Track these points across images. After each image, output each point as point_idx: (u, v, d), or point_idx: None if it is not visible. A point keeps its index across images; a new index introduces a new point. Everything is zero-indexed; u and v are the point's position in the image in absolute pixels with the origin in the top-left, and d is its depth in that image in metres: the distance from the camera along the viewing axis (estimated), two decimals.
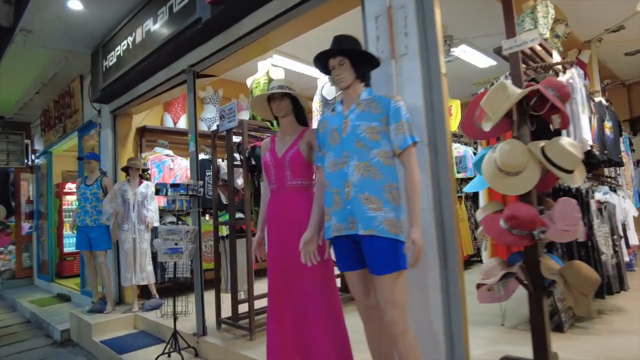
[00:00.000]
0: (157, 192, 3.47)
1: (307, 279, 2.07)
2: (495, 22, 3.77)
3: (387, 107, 1.80)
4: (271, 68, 3.98)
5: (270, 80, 3.89)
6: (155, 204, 4.75)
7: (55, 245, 7.41)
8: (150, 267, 4.62)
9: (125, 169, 4.64)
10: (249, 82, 4.14)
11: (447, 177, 1.95)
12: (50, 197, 7.40)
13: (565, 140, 2.22)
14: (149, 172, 4.93)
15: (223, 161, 3.94)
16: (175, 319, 3.38)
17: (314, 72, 6.16)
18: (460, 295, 1.92)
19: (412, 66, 2.06)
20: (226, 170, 3.85)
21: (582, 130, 2.83)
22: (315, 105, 4.63)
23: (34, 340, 4.78)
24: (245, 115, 6.39)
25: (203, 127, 5.93)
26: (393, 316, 1.69)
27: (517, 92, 2.22)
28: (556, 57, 3.59)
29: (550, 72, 3.26)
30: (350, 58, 1.87)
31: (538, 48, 3.28)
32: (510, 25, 3.20)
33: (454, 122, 6.69)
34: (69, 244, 7.67)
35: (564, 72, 3.28)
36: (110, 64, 4.49)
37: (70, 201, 7.78)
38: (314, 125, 4.21)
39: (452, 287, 1.91)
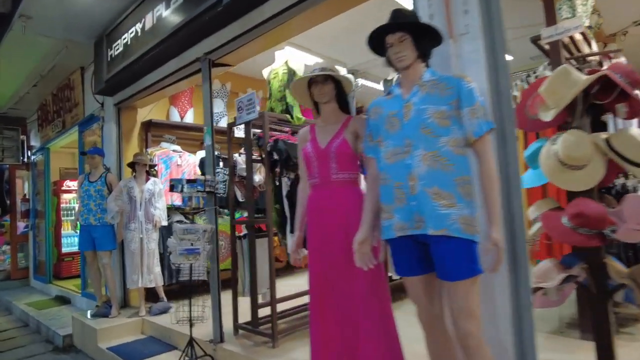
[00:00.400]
0: (172, 189, 3.22)
1: (358, 280, 1.86)
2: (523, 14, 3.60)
3: (458, 89, 1.59)
4: (290, 58, 3.75)
5: (290, 70, 3.66)
6: (163, 201, 4.50)
7: (52, 245, 7.11)
8: (158, 269, 4.38)
9: (132, 165, 4.39)
10: (265, 73, 3.91)
11: (516, 170, 1.74)
12: (47, 195, 7.10)
13: (635, 131, 2.02)
14: (156, 168, 4.68)
15: (240, 156, 3.70)
16: (191, 325, 3.14)
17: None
18: (530, 302, 1.71)
19: (474, 46, 1.85)
20: (244, 166, 3.63)
21: None
22: None
23: (34, 346, 4.51)
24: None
25: None
26: (469, 327, 1.48)
27: (584, 79, 2.01)
28: (594, 48, 3.41)
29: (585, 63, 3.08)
30: (412, 34, 1.66)
31: (578, 37, 3.09)
32: (550, 12, 3.02)
33: None
34: (67, 244, 7.39)
35: (601, 65, 3.10)
36: (116, 53, 4.23)
37: (68, 199, 7.50)
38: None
39: (522, 294, 1.71)
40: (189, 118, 5.42)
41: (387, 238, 1.68)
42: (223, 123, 5.73)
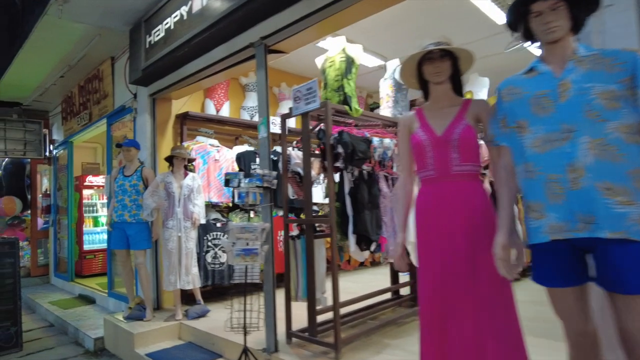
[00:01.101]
0: (227, 183, 2.96)
1: (489, 288, 1.57)
2: None
3: (633, 64, 1.30)
4: (347, 45, 3.48)
5: (348, 58, 3.39)
6: (202, 198, 4.25)
7: (74, 242, 6.90)
8: (195, 270, 4.12)
9: (169, 159, 4.14)
10: (319, 62, 3.65)
11: None
12: (70, 191, 6.89)
13: None
14: (193, 163, 4.42)
15: (293, 150, 3.44)
16: (245, 333, 2.88)
17: (367, 60, 5.67)
18: None
19: (622, 20, 1.57)
20: (297, 161, 3.36)
21: None
22: (386, 90, 4.15)
23: (63, 348, 4.27)
24: (289, 105, 5.90)
25: (245, 116, 5.43)
26: None
27: None
28: None
29: None
30: (567, 0, 1.38)
31: None
32: None
33: None
34: (89, 241, 7.18)
35: None
36: (156, 39, 3.98)
37: (90, 195, 7.30)
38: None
39: None
40: (225, 111, 5.16)
41: (536, 242, 1.40)
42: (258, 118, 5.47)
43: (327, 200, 5.78)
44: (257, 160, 5.08)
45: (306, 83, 3.05)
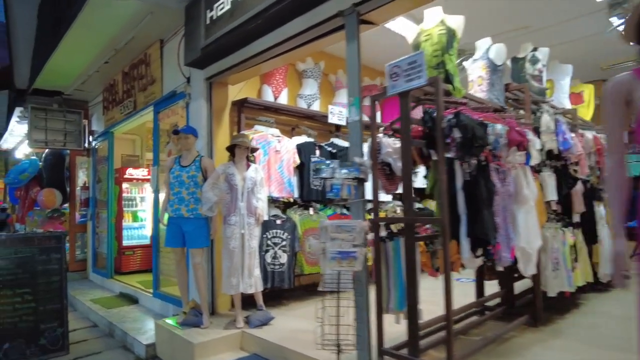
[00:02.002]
0: (317, 172, 2.50)
1: None
2: None
3: None
4: (446, 16, 2.98)
5: (449, 30, 2.89)
6: (265, 192, 3.83)
7: (114, 237, 6.62)
8: (258, 271, 3.70)
9: (231, 149, 3.73)
10: (409, 36, 3.16)
11: None
12: (110, 184, 6.61)
13: None
14: (254, 154, 4.00)
15: (384, 137, 2.96)
16: (339, 351, 2.42)
17: None
18: None
19: None
20: (389, 150, 2.87)
21: None
22: (478, 71, 3.63)
23: (111, 353, 3.93)
24: (346, 94, 5.43)
25: (302, 104, 4.99)
26: None
27: None
28: None
29: None
30: None
31: None
32: None
33: (586, 109, 5.60)
34: (128, 236, 6.90)
35: None
36: (220, 13, 3.57)
37: (130, 189, 7.01)
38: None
39: None
40: (283, 99, 4.73)
41: None
42: (316, 107, 5.03)
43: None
44: (317, 152, 4.65)
45: (408, 56, 2.58)
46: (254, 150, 3.84)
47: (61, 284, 4.06)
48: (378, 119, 5.77)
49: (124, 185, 6.89)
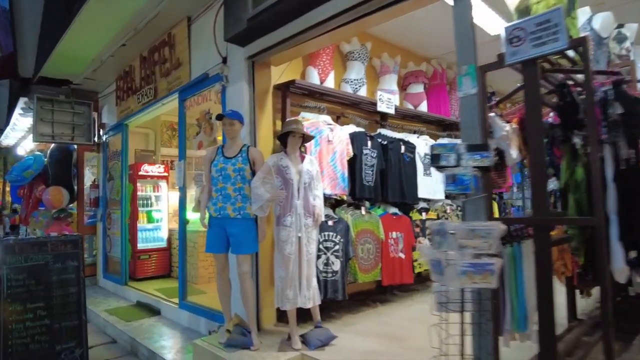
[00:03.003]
0: (435, 160, 1.93)
1: None
2: None
3: None
4: None
5: None
6: (322, 188, 3.27)
7: (128, 240, 6.03)
8: (315, 281, 3.14)
9: (283, 138, 3.16)
10: (512, 2, 2.60)
11: None
12: (124, 181, 6.02)
13: None
14: (306, 144, 3.43)
15: (496, 117, 2.40)
16: None
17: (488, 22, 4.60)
18: None
19: None
20: (504, 133, 2.31)
21: None
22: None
23: None
24: (391, 80, 4.87)
25: (347, 89, 4.42)
26: None
27: None
28: None
29: None
30: None
31: None
32: None
33: None
34: (143, 239, 6.31)
35: None
36: None
37: (145, 187, 6.42)
38: None
39: None
40: (330, 82, 4.16)
41: None
42: (362, 92, 4.47)
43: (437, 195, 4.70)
44: (369, 143, 4.09)
45: (536, 15, 2.03)
46: (308, 139, 3.27)
47: (79, 297, 3.48)
48: (424, 108, 5.22)
49: (139, 183, 6.32)
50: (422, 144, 4.75)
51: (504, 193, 6.76)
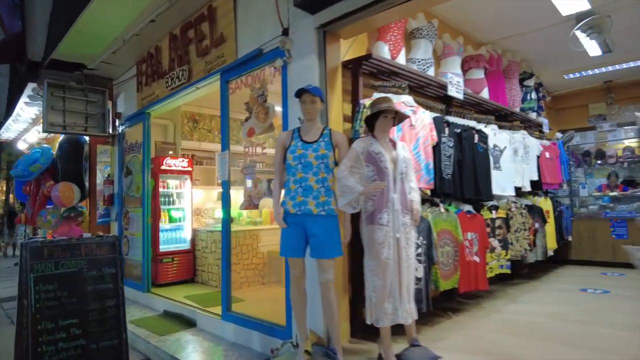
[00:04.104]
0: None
1: None
2: None
3: None
4: None
5: None
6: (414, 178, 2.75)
7: (150, 241, 5.44)
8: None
9: (371, 120, 2.63)
10: None
11: None
12: (146, 176, 5.42)
13: None
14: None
15: None
16: None
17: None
18: None
19: None
20: None
21: None
22: None
23: None
24: (455, 63, 4.38)
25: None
26: None
27: None
28: None
29: None
30: None
31: None
32: None
33: None
34: (165, 240, 5.74)
35: None
36: None
37: (166, 182, 5.85)
38: None
39: None
40: (401, 60, 3.64)
41: None
42: (430, 74, 3.95)
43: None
44: (446, 130, 3.58)
45: None
46: (401, 119, 2.74)
47: (118, 311, 2.92)
48: (485, 95, 4.74)
49: (160, 179, 5.74)
50: (491, 134, 4.26)
51: (556, 190, 6.32)
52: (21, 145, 8.60)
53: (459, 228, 3.60)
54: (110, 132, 6.07)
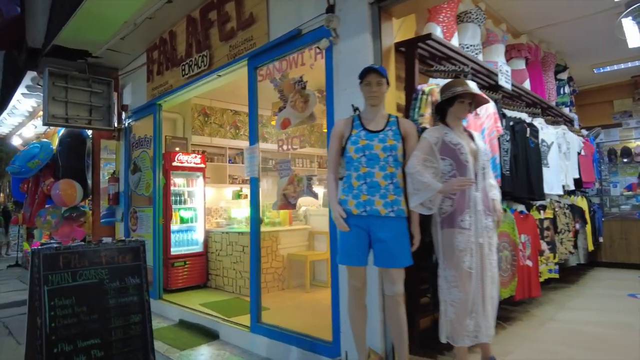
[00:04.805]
0: None
1: None
2: None
3: None
4: None
5: None
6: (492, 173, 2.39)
7: (161, 244, 5.03)
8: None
9: (444, 106, 2.28)
10: None
11: None
12: (157, 173, 5.00)
13: None
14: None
15: None
16: None
17: None
18: None
19: None
20: None
21: None
22: None
23: None
24: (499, 52, 4.04)
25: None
26: None
27: None
28: None
29: None
30: None
31: None
32: None
33: None
34: (176, 242, 5.34)
35: None
36: None
37: (177, 180, 5.44)
38: None
39: None
40: (455, 41, 3.29)
41: None
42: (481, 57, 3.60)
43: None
44: (503, 122, 3.23)
45: None
46: (479, 104, 2.38)
47: (144, 328, 2.53)
48: (527, 87, 4.41)
49: (172, 176, 5.33)
50: (538, 129, 3.93)
51: (588, 190, 6.03)
52: (16, 141, 8.09)
53: (515, 230, 3.26)
54: (116, 125, 5.63)
